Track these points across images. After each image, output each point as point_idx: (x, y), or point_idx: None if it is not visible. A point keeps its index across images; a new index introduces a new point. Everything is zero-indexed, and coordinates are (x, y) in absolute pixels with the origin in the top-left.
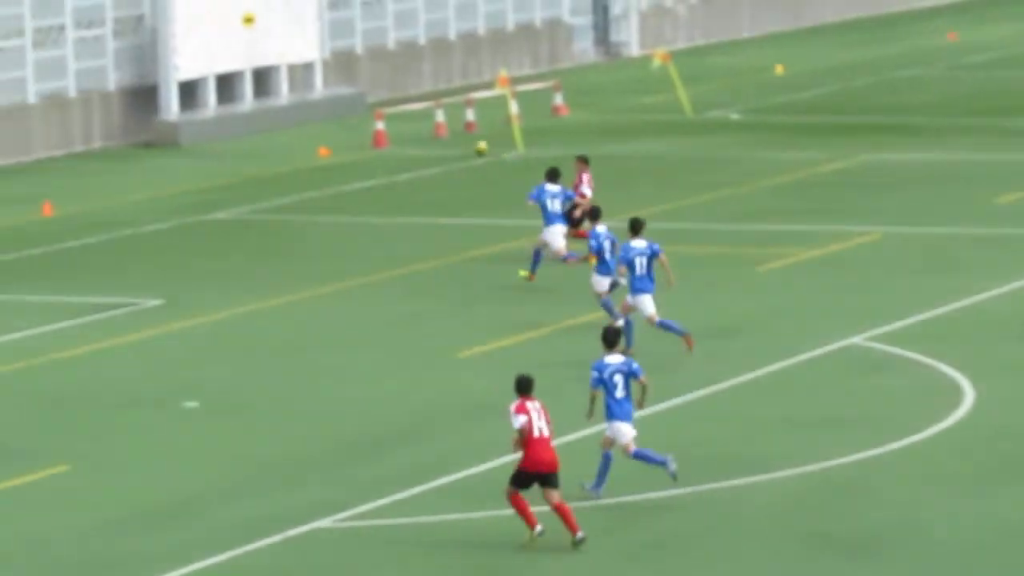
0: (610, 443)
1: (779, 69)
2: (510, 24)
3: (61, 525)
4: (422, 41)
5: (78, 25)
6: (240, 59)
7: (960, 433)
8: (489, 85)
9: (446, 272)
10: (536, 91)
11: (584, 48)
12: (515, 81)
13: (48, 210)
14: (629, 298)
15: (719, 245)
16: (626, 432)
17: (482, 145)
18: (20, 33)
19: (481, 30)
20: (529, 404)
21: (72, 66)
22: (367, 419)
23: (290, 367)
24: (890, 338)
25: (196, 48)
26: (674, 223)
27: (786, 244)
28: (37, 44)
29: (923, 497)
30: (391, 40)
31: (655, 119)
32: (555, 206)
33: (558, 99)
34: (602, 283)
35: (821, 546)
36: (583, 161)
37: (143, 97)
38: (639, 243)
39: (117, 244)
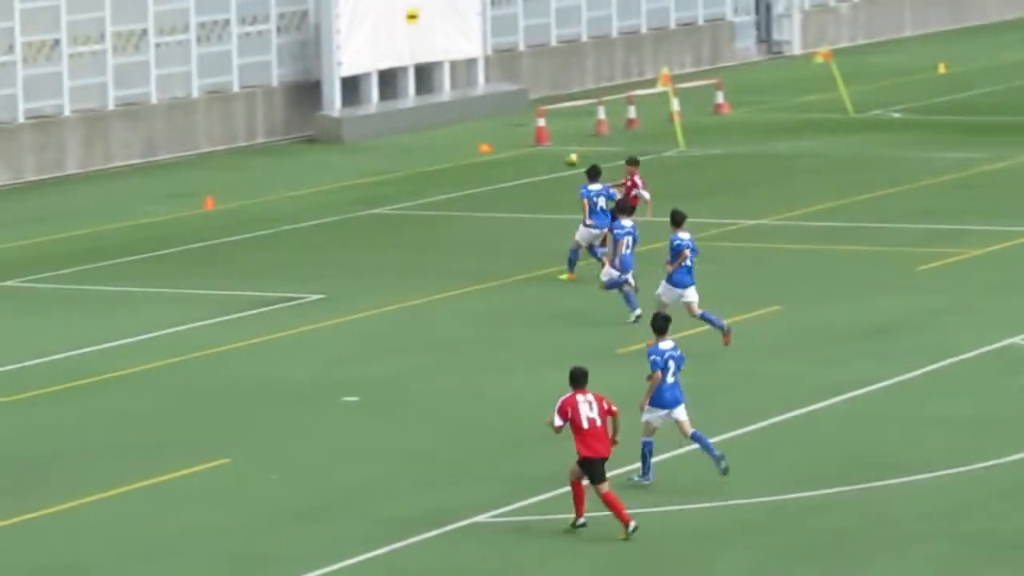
0: (651, 431)
1: (941, 68)
2: (672, 22)
3: (221, 518)
4: (584, 38)
5: (242, 21)
6: (403, 55)
7: None
8: (651, 83)
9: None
10: (698, 89)
11: (746, 46)
12: (677, 79)
13: (210, 204)
14: (663, 288)
15: (879, 244)
16: (680, 415)
17: (572, 157)
18: (185, 28)
19: (643, 27)
20: (580, 397)
21: (236, 61)
22: (524, 415)
23: (450, 362)
24: None
25: (359, 44)
26: (834, 221)
27: (946, 244)
28: (201, 39)
29: None
30: (553, 37)
31: (816, 118)
32: (600, 204)
33: (719, 97)
34: (611, 274)
35: (981, 547)
36: (633, 164)
37: (306, 92)
38: (684, 235)
39: (278, 239)
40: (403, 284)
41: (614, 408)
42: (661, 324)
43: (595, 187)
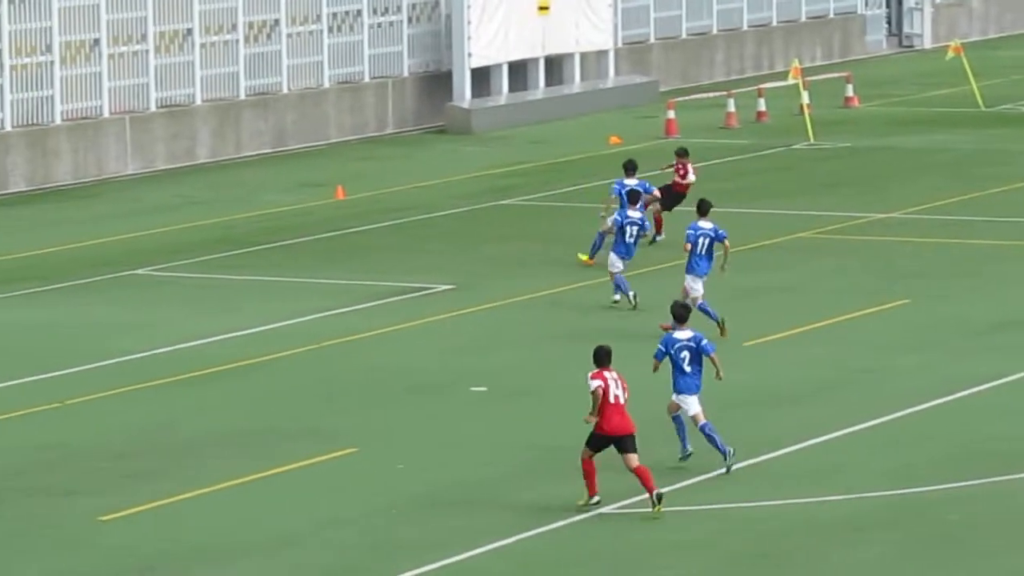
0: (676, 408)
1: None
2: (803, 15)
3: (350, 507)
4: (714, 31)
5: (374, 11)
6: (534, 47)
7: None
8: (781, 75)
9: (733, 262)
10: (828, 82)
11: (877, 40)
12: (807, 72)
13: (340, 194)
14: (689, 279)
15: (1008, 239)
16: (692, 405)
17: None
18: (317, 19)
19: (774, 20)
20: (606, 374)
21: (367, 52)
22: (652, 405)
23: (579, 353)
24: None
25: (490, 35)
26: (964, 215)
27: None
28: (333, 30)
29: None
30: (684, 29)
31: (946, 111)
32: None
33: (849, 90)
34: (616, 263)
35: None
36: (683, 154)
37: (436, 83)
38: (706, 224)
39: (408, 229)
40: (532, 275)
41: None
42: (681, 312)
43: (631, 181)
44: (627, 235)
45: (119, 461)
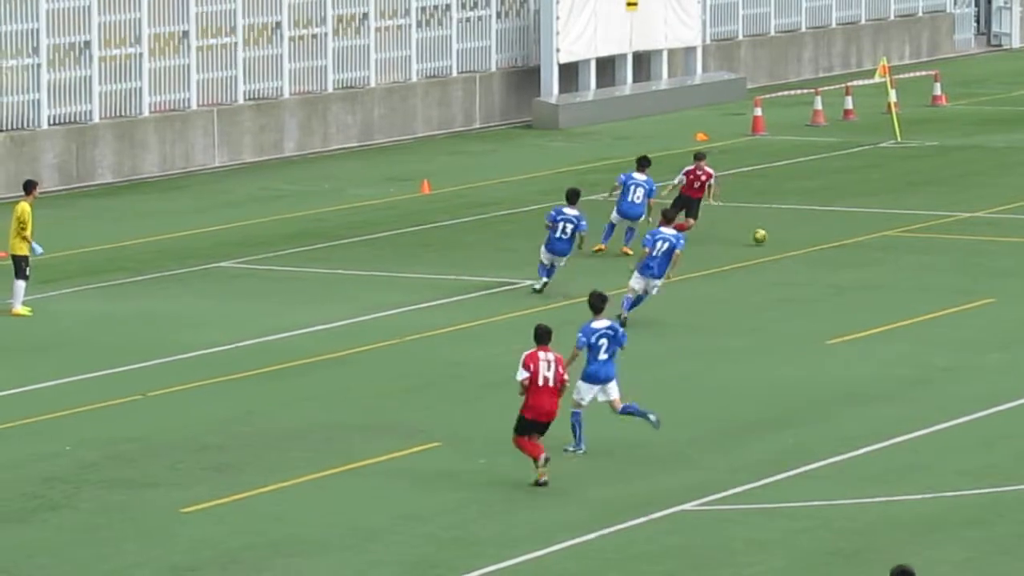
0: (577, 404)
1: None
2: (892, 13)
3: (433, 501)
4: (803, 28)
5: (463, 6)
6: (622, 43)
7: None
8: (869, 74)
9: (818, 259)
10: (915, 80)
11: (965, 38)
12: (894, 70)
13: (426, 188)
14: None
15: None
16: (612, 392)
17: (761, 233)
18: (406, 13)
19: (863, 18)
20: (541, 354)
21: (455, 46)
22: (736, 403)
23: (659, 350)
24: None
25: (578, 31)
26: None
27: None
28: (422, 24)
29: None
30: (772, 26)
31: None
32: (636, 195)
33: (937, 89)
34: (543, 257)
35: None
36: (700, 157)
37: (524, 78)
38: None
39: (493, 224)
40: (615, 271)
41: (565, 378)
42: (597, 303)
43: (640, 176)
44: (558, 231)
45: (201, 453)
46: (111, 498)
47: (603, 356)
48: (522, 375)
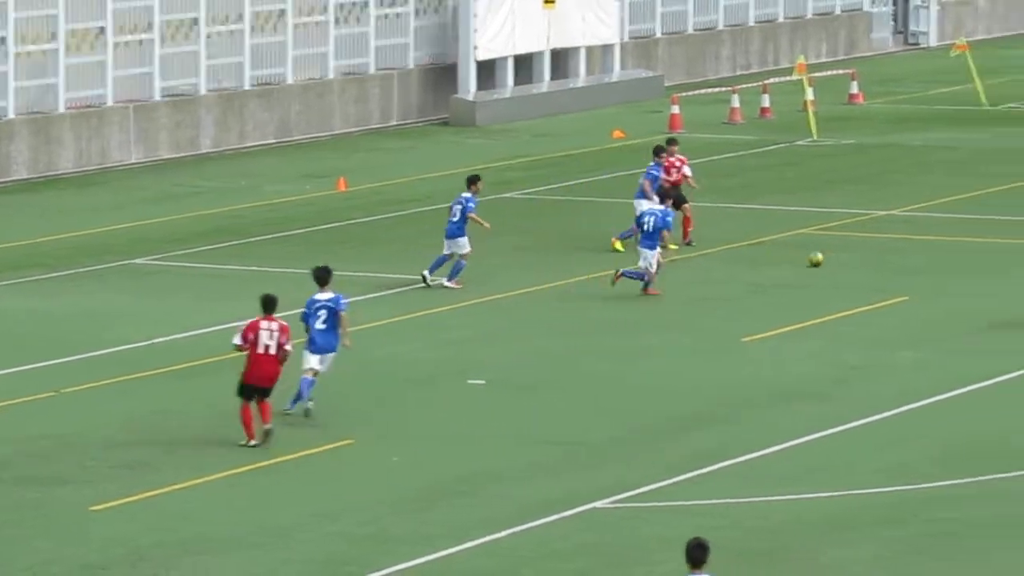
0: (306, 371)
1: None
2: (809, 11)
3: (346, 499)
4: (721, 26)
5: (380, 3)
6: (539, 40)
7: None
8: (786, 72)
9: (735, 257)
10: (833, 78)
11: (883, 37)
12: (812, 68)
13: (343, 185)
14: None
15: (1009, 237)
16: (312, 362)
17: (819, 257)
18: (324, 10)
19: (780, 16)
20: (264, 323)
21: (373, 43)
22: (652, 402)
23: (579, 347)
24: None
25: (496, 28)
26: (964, 213)
27: None
28: (339, 21)
29: None
30: (690, 24)
31: (950, 109)
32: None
33: (854, 87)
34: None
35: None
36: (671, 143)
37: (441, 76)
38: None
39: (410, 221)
40: (533, 268)
41: (288, 348)
42: (322, 275)
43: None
44: (452, 214)
45: (113, 451)
46: (23, 495)
47: (321, 326)
48: (236, 341)
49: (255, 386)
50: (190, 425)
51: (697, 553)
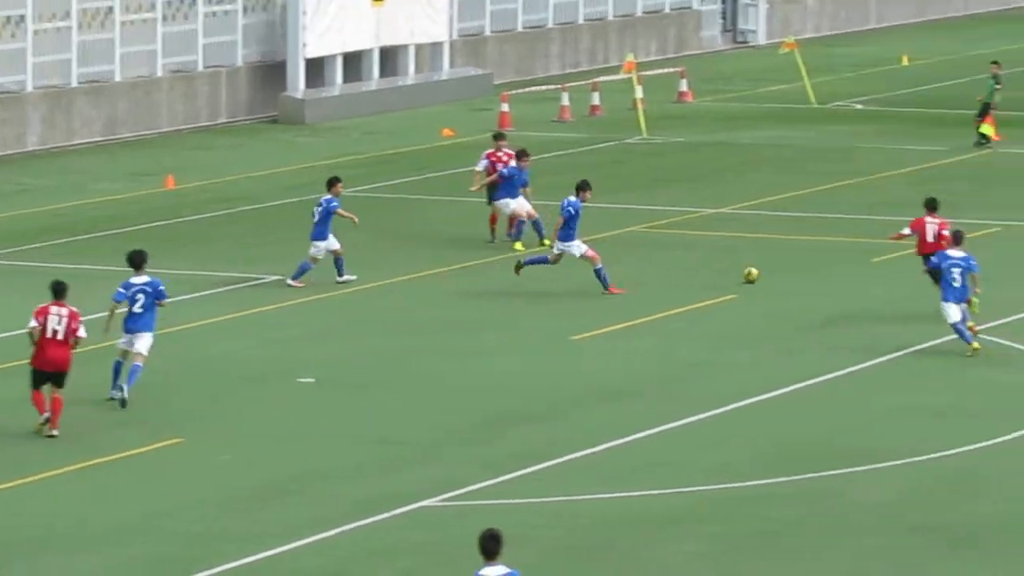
0: (120, 352)
1: (905, 60)
2: (639, 9)
3: (175, 498)
4: (550, 24)
5: (208, 0)
6: (369, 38)
7: None
8: (616, 70)
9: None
10: (662, 77)
11: (711, 35)
12: (641, 67)
13: (171, 183)
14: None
15: (836, 235)
16: (139, 345)
17: (754, 272)
18: (152, 7)
19: (610, 14)
20: (54, 308)
21: (201, 41)
22: (481, 399)
23: (406, 346)
24: (1006, 331)
25: (325, 26)
26: (793, 211)
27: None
28: (167, 18)
29: None
30: (520, 22)
31: (779, 108)
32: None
33: (683, 85)
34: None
35: (928, 538)
36: (499, 138)
37: (270, 73)
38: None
39: (238, 219)
40: (362, 266)
41: (81, 333)
42: (136, 259)
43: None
44: (314, 215)
45: None
46: None
47: (138, 309)
48: (32, 324)
49: (43, 371)
50: (18, 424)
51: (490, 544)
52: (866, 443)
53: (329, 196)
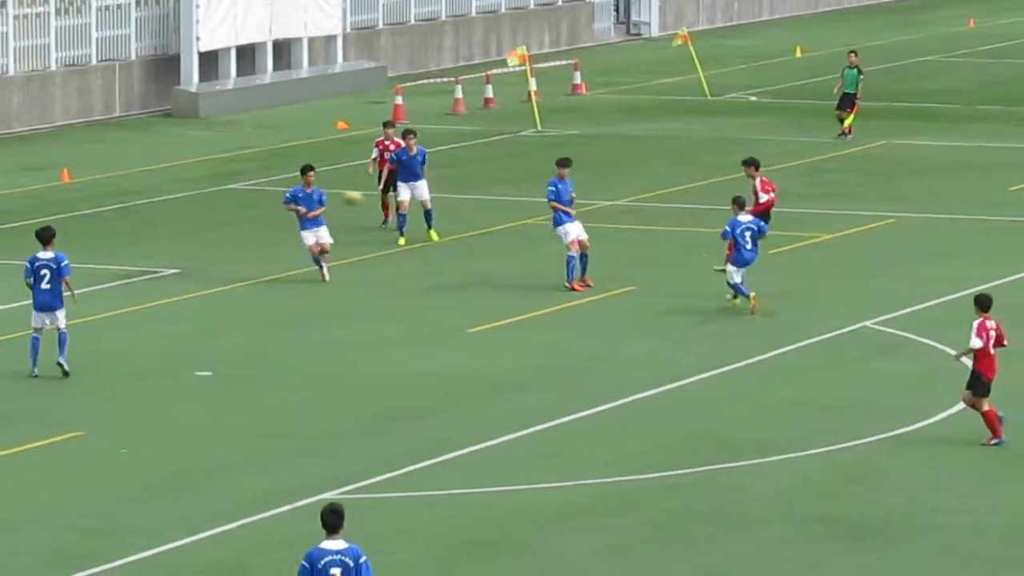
0: (38, 329)
1: (798, 52)
2: (531, 2)
3: (74, 491)
4: (443, 17)
5: None
6: (262, 31)
7: (967, 419)
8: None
9: (460, 248)
10: (555, 69)
11: (605, 27)
12: (534, 59)
13: (66, 177)
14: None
15: None
16: (39, 320)
17: (355, 196)
18: (45, 1)
19: (503, 7)
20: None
21: (95, 35)
22: (377, 393)
23: (303, 339)
24: (901, 323)
25: (219, 19)
26: (689, 203)
27: (800, 228)
28: (60, 12)
29: (929, 483)
30: (412, 15)
31: (673, 100)
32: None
33: (577, 77)
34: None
35: (827, 529)
36: (388, 126)
37: (164, 67)
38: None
39: (134, 212)
40: (258, 260)
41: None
42: (44, 234)
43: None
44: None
45: None
46: None
47: (45, 285)
48: None
49: None
50: None
51: (331, 519)
52: (764, 435)
53: (298, 187)
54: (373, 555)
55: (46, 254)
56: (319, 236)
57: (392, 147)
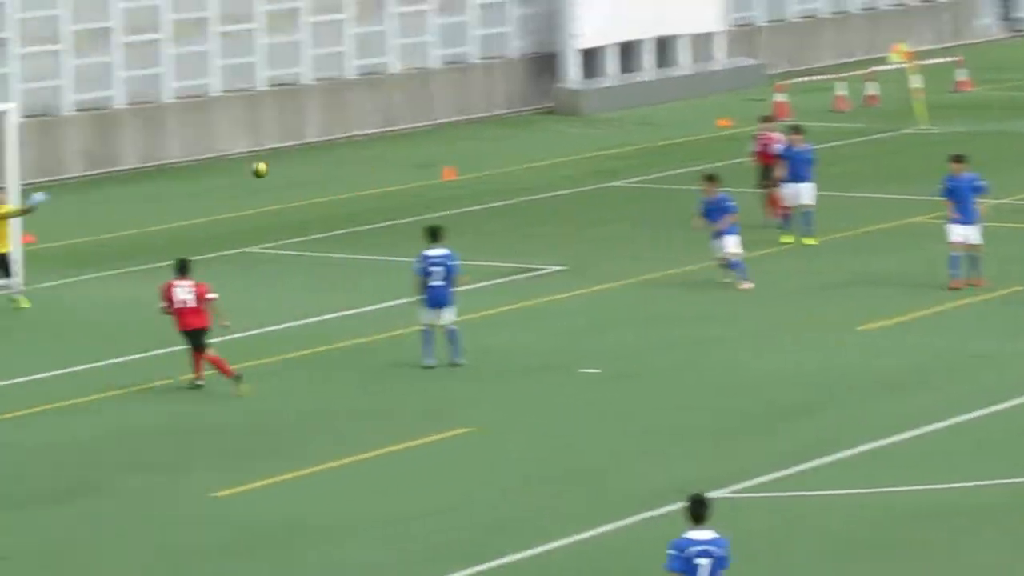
0: (430, 324)
1: None
2: None
3: (460, 487)
4: (824, 14)
5: None
6: (642, 28)
7: None
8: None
9: (843, 246)
10: (939, 66)
11: (988, 23)
12: (918, 55)
13: (448, 174)
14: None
15: None
16: (428, 316)
17: (261, 167)
18: None
19: (883, 3)
20: (176, 283)
21: (475, 32)
22: (762, 391)
23: (689, 337)
24: None
25: (599, 16)
26: None
27: None
28: (442, 10)
29: None
30: (792, 12)
31: None
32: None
33: (961, 74)
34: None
35: None
36: (767, 120)
37: (545, 64)
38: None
39: (517, 210)
40: (642, 256)
41: (210, 295)
42: (433, 231)
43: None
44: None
45: (233, 438)
46: (143, 482)
47: (438, 282)
48: (163, 304)
49: (185, 332)
50: (309, 413)
51: (698, 509)
52: None
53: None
54: (763, 554)
55: (437, 251)
56: (727, 245)
57: (774, 142)
